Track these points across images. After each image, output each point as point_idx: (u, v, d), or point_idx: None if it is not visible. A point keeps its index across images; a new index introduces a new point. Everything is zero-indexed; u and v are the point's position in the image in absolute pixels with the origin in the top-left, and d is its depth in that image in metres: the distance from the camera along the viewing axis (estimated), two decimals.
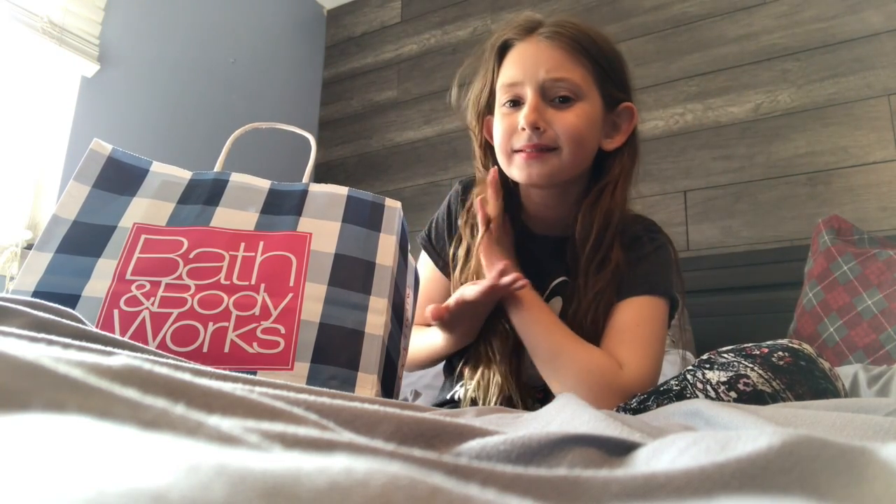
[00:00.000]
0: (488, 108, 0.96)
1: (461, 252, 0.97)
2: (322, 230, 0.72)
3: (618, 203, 0.90)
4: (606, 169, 0.92)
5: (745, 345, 0.71)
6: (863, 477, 0.19)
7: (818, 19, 1.83)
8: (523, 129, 0.86)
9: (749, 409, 0.44)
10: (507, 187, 0.96)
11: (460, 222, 0.99)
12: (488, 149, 0.97)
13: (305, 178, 0.83)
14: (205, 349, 0.62)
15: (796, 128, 1.80)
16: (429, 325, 0.95)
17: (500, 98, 0.91)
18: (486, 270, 0.89)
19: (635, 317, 0.86)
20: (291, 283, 0.67)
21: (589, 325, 0.87)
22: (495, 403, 0.88)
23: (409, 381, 1.31)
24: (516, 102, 0.89)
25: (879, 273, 1.36)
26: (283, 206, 0.75)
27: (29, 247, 1.62)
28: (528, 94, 0.87)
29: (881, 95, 1.71)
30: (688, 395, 0.68)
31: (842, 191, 1.71)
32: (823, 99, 1.78)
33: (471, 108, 0.99)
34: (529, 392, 0.91)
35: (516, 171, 0.90)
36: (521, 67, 0.88)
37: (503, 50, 0.93)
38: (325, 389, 0.40)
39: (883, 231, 1.58)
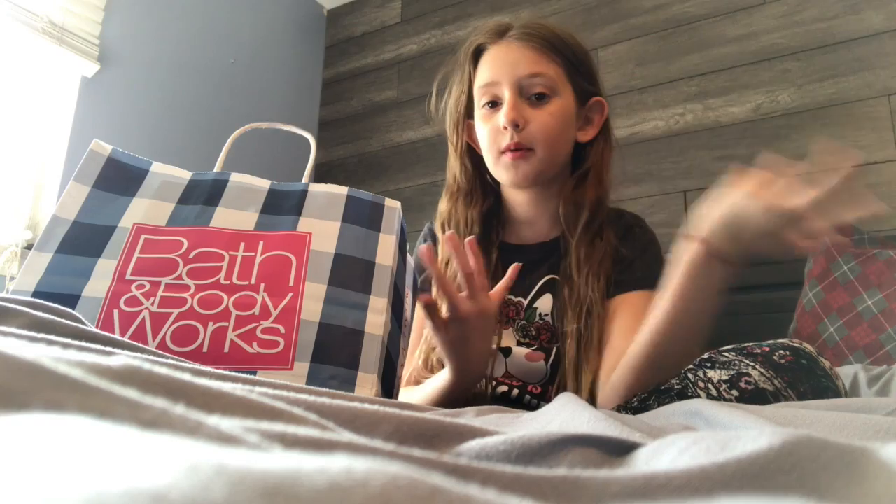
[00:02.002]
0: (468, 113, 0.99)
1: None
2: (322, 230, 0.72)
3: (594, 187, 0.93)
4: (584, 158, 0.97)
5: (746, 344, 0.71)
6: (863, 477, 0.19)
7: (818, 19, 1.83)
8: (505, 127, 0.89)
9: (749, 409, 0.44)
10: (492, 195, 1.00)
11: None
12: (468, 155, 1.00)
13: (305, 179, 0.83)
14: (205, 349, 0.62)
15: (796, 128, 1.80)
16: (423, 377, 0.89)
17: (479, 100, 0.95)
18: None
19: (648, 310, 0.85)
20: (291, 283, 0.67)
21: (585, 304, 0.87)
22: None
23: None
24: (495, 103, 0.93)
25: (879, 273, 1.36)
26: (282, 205, 0.75)
27: (29, 247, 1.62)
28: (506, 94, 0.90)
29: (881, 95, 1.71)
30: (689, 394, 0.68)
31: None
32: (823, 99, 1.78)
33: (450, 114, 1.01)
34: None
35: (503, 171, 0.93)
36: (498, 68, 0.92)
37: (477, 55, 0.96)
38: (324, 389, 0.40)
39: (883, 231, 1.58)
